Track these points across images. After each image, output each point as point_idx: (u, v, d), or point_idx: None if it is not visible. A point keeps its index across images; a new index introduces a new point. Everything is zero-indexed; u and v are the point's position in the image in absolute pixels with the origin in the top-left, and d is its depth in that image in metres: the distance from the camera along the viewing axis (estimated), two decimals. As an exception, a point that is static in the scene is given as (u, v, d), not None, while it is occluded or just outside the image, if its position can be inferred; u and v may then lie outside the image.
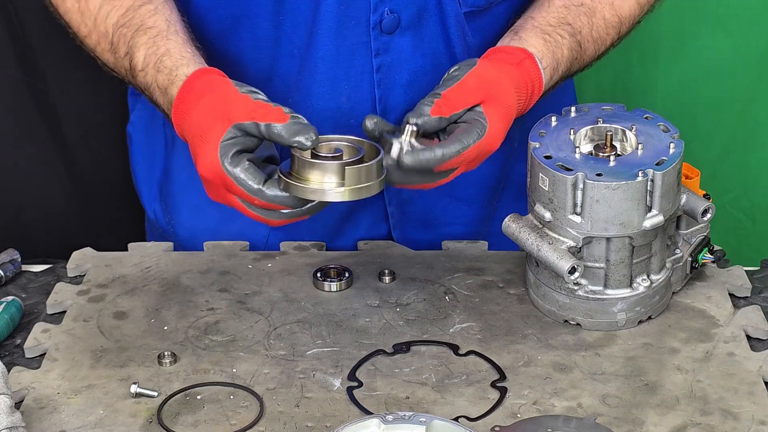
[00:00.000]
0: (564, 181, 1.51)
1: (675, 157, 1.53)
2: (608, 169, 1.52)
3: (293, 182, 1.45)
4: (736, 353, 1.53)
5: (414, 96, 1.73)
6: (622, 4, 1.71)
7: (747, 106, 2.37)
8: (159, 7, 1.63)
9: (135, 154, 1.95)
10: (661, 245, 1.57)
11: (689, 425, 1.41)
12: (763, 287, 1.67)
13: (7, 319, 1.58)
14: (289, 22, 1.68)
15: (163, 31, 1.60)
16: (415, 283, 1.67)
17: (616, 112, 1.61)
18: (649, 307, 1.58)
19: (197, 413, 1.44)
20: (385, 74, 1.71)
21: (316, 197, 1.45)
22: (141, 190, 1.94)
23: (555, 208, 1.53)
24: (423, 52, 1.72)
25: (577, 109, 1.62)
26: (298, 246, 1.75)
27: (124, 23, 1.62)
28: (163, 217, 1.90)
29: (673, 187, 1.53)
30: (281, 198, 1.45)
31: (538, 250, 1.53)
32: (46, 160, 2.18)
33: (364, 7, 1.67)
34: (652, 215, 1.52)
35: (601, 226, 1.52)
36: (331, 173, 1.45)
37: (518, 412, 1.44)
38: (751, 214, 2.39)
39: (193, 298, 1.64)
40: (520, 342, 1.56)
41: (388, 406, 1.45)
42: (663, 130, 1.57)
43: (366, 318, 1.60)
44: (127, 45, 1.61)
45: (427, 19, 1.70)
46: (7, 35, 2.11)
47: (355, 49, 1.69)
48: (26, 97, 2.15)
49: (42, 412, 1.44)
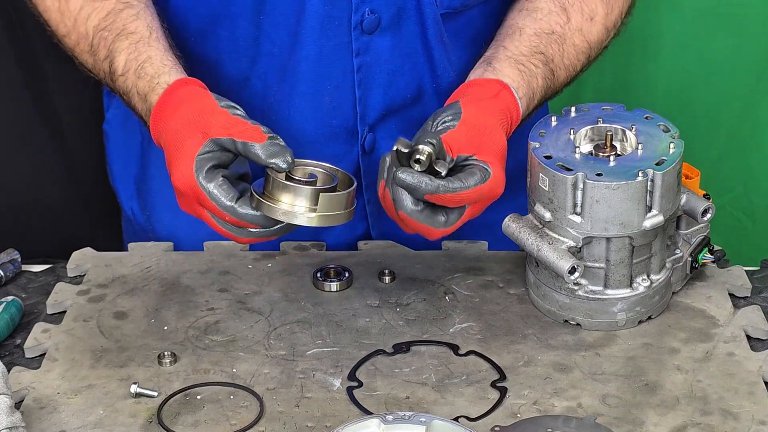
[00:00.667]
0: (564, 181, 1.51)
1: (675, 157, 1.53)
2: (608, 168, 1.51)
3: (265, 202, 1.46)
4: (736, 353, 1.53)
5: (393, 96, 1.74)
6: (591, 29, 1.71)
7: (747, 106, 2.37)
8: (140, 12, 1.63)
9: (111, 152, 1.96)
10: (661, 245, 1.57)
11: (689, 425, 1.41)
12: (763, 287, 1.67)
13: (7, 319, 1.58)
14: (269, 21, 1.69)
15: (144, 37, 1.61)
16: (415, 283, 1.67)
17: (616, 112, 1.61)
18: (649, 307, 1.58)
19: (197, 413, 1.44)
20: (365, 74, 1.72)
21: (287, 219, 1.46)
22: (117, 188, 1.95)
23: (555, 208, 1.53)
24: (401, 52, 1.72)
25: (578, 109, 1.62)
26: (298, 246, 1.75)
27: (105, 26, 1.63)
28: (141, 215, 1.90)
29: (673, 187, 1.53)
30: (251, 216, 1.47)
31: (538, 250, 1.53)
32: (46, 160, 2.17)
33: (347, 7, 1.67)
34: (652, 215, 1.52)
35: (601, 226, 1.52)
36: (303, 197, 1.46)
37: (518, 412, 1.44)
38: (751, 214, 2.39)
39: (193, 298, 1.64)
40: (520, 342, 1.56)
41: (388, 406, 1.45)
42: (663, 130, 1.57)
43: (366, 318, 1.60)
44: (108, 49, 1.62)
45: (406, 19, 1.71)
46: (7, 35, 2.11)
47: (337, 49, 1.69)
48: (26, 97, 2.15)
49: (42, 412, 1.44)
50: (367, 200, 1.81)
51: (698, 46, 2.28)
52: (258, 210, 1.46)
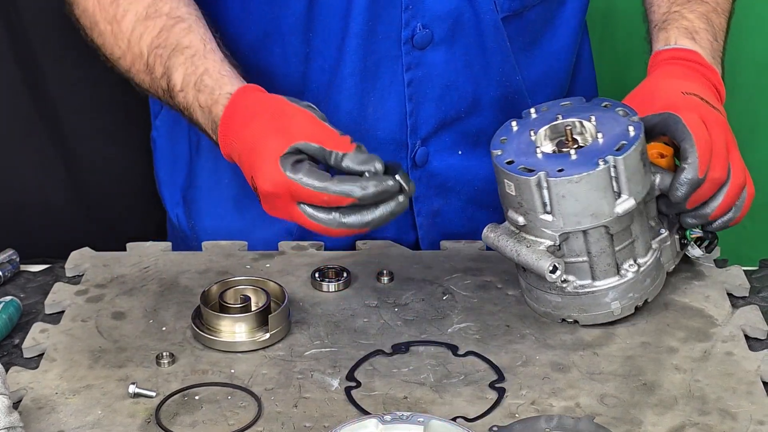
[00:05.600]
0: (528, 183, 1.49)
1: (635, 139, 1.50)
2: (570, 162, 1.50)
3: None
4: (735, 353, 1.53)
5: (446, 109, 1.72)
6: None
7: (747, 106, 2.37)
8: (192, 25, 1.62)
9: (159, 159, 1.95)
10: (641, 228, 1.55)
11: (687, 425, 1.41)
12: (762, 287, 1.67)
13: (5, 319, 1.58)
14: (319, 38, 1.69)
15: (199, 50, 1.59)
16: (414, 283, 1.67)
17: (576, 105, 1.59)
18: (642, 291, 1.57)
19: (195, 413, 1.44)
20: (417, 88, 1.71)
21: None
22: (164, 195, 1.95)
23: (526, 211, 1.51)
24: (456, 65, 1.71)
25: (537, 110, 1.59)
26: (296, 246, 1.75)
27: (159, 44, 1.61)
28: (185, 223, 1.90)
29: (638, 169, 1.51)
30: (349, 188, 1.43)
31: (518, 255, 1.52)
32: (45, 160, 2.18)
33: (395, 22, 1.66)
34: (622, 200, 1.50)
35: (574, 221, 1.50)
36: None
37: (516, 412, 1.44)
38: (751, 214, 2.39)
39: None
40: (518, 342, 1.56)
41: (386, 406, 1.45)
42: (622, 115, 1.55)
43: (364, 318, 1.60)
44: (164, 66, 1.60)
45: (461, 32, 1.69)
46: (7, 35, 2.11)
47: (383, 63, 1.69)
48: (26, 97, 2.15)
49: (40, 412, 1.44)
50: (417, 212, 1.81)
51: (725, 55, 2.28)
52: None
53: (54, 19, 2.08)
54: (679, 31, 1.67)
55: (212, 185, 1.86)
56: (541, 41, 1.78)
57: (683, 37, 1.66)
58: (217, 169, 1.85)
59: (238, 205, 1.85)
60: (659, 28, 1.69)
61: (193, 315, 1.57)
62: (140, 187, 2.18)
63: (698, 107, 1.56)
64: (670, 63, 1.65)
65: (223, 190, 1.86)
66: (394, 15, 1.67)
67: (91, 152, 2.20)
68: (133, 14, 1.63)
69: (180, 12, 1.63)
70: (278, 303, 1.57)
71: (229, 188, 1.85)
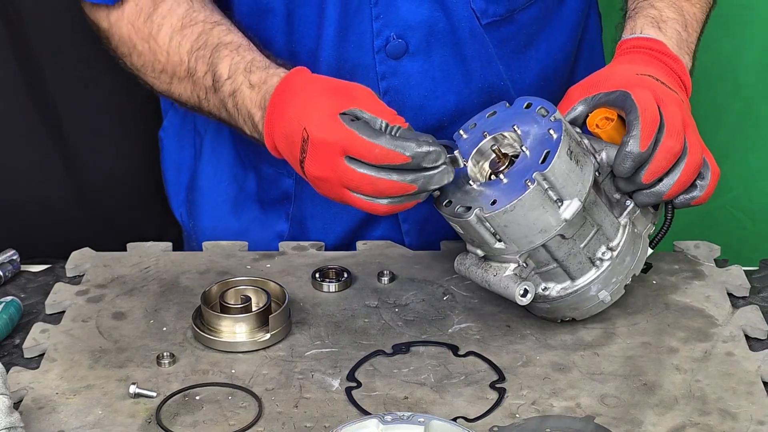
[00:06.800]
0: (468, 223, 1.47)
1: (557, 142, 1.45)
2: (501, 189, 1.47)
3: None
4: (735, 353, 1.53)
5: (426, 117, 1.71)
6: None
7: (747, 106, 2.37)
8: (231, 27, 1.64)
9: (165, 159, 1.96)
10: (602, 214, 1.51)
11: (688, 425, 1.41)
12: (762, 287, 1.67)
13: (6, 319, 1.58)
14: (298, 45, 1.69)
15: (243, 44, 1.60)
16: (414, 283, 1.67)
17: (500, 113, 1.54)
18: (625, 271, 1.53)
19: (196, 414, 1.44)
20: (394, 97, 1.70)
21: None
22: (169, 194, 1.95)
23: (479, 245, 1.50)
24: (434, 75, 1.70)
25: (465, 129, 1.55)
26: (296, 246, 1.75)
27: (199, 46, 1.62)
28: (187, 221, 1.91)
29: (571, 170, 1.46)
30: (403, 143, 1.41)
31: (489, 285, 1.51)
32: (45, 160, 2.17)
33: (367, 31, 1.66)
34: (566, 206, 1.46)
35: (526, 242, 1.47)
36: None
37: (517, 412, 1.44)
38: (751, 214, 2.39)
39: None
40: (518, 342, 1.56)
41: (386, 407, 1.45)
42: (543, 114, 1.50)
43: (365, 318, 1.60)
44: (207, 63, 1.60)
45: (436, 41, 1.68)
46: (7, 35, 2.11)
47: (358, 71, 1.68)
48: (26, 97, 2.15)
49: (41, 412, 1.44)
50: (403, 218, 1.81)
51: (698, 46, 2.28)
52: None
53: (54, 19, 2.08)
54: (645, 20, 1.63)
55: (211, 188, 1.86)
56: (537, 42, 1.76)
57: (649, 26, 1.63)
58: (216, 171, 1.86)
59: (235, 207, 1.85)
60: (629, 16, 1.67)
61: (194, 315, 1.57)
62: (141, 187, 2.18)
63: (652, 86, 1.52)
64: (632, 52, 1.61)
65: (222, 192, 1.87)
66: (364, 24, 1.67)
67: (92, 152, 2.20)
68: (169, 27, 1.64)
69: (215, 18, 1.64)
70: (279, 303, 1.57)
71: (228, 190, 1.85)
